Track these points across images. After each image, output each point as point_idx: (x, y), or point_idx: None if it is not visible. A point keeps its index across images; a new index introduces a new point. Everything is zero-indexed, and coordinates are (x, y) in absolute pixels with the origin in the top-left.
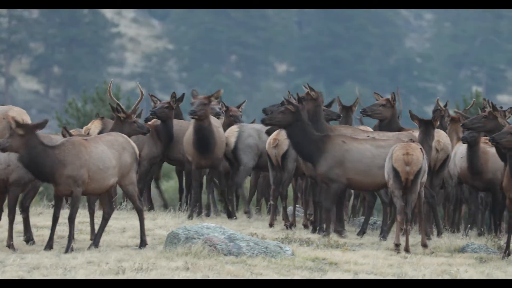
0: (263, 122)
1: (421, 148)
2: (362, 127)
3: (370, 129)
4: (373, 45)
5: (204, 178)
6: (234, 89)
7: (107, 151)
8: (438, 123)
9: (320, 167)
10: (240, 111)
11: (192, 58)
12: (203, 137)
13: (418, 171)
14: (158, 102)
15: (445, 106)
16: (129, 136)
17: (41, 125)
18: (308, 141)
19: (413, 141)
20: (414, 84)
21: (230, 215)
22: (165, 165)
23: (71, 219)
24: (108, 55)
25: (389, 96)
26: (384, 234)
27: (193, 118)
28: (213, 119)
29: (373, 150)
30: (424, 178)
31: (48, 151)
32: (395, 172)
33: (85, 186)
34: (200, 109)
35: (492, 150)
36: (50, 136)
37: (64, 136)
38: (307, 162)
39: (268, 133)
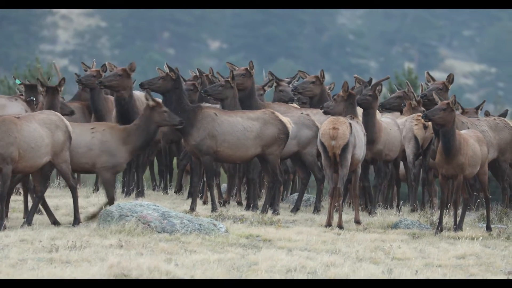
0: (141, 86)
1: (350, 123)
2: (294, 105)
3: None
4: (306, 22)
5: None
6: None
7: (39, 130)
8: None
9: (192, 138)
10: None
11: (124, 35)
12: (123, 109)
13: (345, 146)
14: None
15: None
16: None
17: None
18: (182, 110)
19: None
20: (346, 61)
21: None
22: None
23: (2, 197)
24: (40, 33)
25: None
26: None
27: (99, 87)
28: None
29: (244, 122)
30: (359, 154)
31: None
32: (323, 147)
33: (16, 164)
34: (111, 80)
35: (386, 122)
36: None
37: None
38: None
39: None
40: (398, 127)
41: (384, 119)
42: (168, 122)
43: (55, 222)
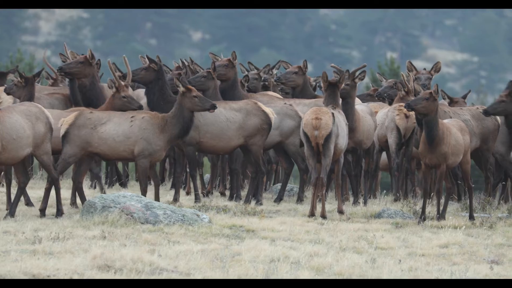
0: (124, 77)
1: (332, 113)
2: (275, 94)
3: (280, 96)
4: (288, 13)
5: None
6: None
7: (20, 121)
8: (343, 85)
9: None
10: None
11: (106, 26)
12: (85, 97)
13: (328, 136)
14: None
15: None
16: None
17: None
18: (164, 101)
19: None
20: (329, 51)
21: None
22: None
23: None
24: (22, 24)
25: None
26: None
27: (60, 74)
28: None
29: (227, 113)
30: (342, 143)
31: None
32: (306, 137)
33: None
34: (72, 67)
35: (360, 109)
36: None
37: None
38: None
39: None
40: (372, 114)
41: (358, 107)
42: (200, 107)
43: (42, 211)
